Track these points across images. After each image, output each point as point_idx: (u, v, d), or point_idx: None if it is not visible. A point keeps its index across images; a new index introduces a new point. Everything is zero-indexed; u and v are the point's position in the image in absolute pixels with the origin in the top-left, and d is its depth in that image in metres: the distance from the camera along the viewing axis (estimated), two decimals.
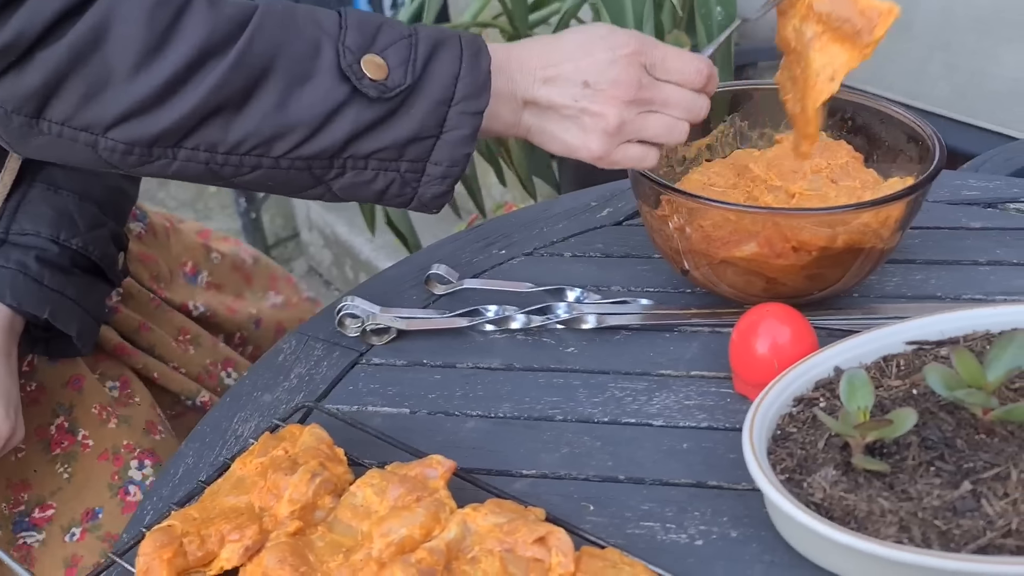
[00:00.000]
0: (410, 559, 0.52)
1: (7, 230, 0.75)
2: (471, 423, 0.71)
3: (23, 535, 0.81)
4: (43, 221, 0.76)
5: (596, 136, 0.67)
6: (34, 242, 0.75)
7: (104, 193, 0.81)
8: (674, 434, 0.68)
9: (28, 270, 0.74)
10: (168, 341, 0.93)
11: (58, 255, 0.75)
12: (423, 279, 0.85)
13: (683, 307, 0.79)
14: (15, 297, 0.73)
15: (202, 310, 1.00)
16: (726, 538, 0.60)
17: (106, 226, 0.80)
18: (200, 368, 0.95)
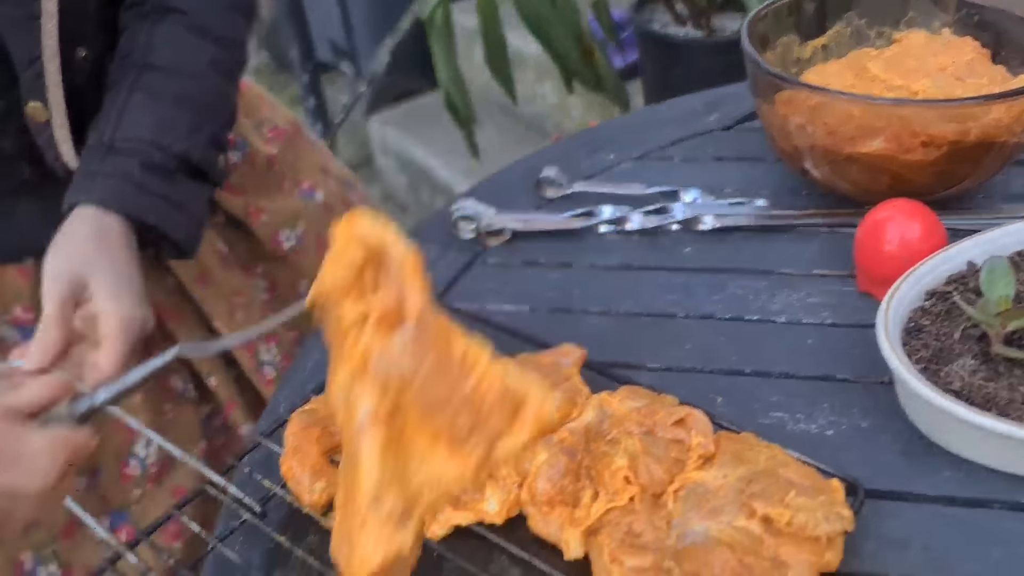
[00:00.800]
0: (552, 439, 0.54)
1: (112, 137, 0.75)
2: (592, 319, 0.71)
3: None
4: (145, 127, 0.76)
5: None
6: (137, 148, 0.75)
7: (202, 95, 0.80)
8: (798, 330, 0.68)
9: (133, 178, 0.74)
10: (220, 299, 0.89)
11: (161, 160, 0.76)
12: (533, 183, 0.85)
13: (801, 208, 0.78)
14: (123, 206, 0.73)
15: (294, 243, 0.96)
16: (857, 428, 0.60)
17: (204, 130, 0.80)
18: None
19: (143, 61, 0.76)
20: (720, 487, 0.51)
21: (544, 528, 0.51)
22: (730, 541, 0.48)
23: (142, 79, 0.77)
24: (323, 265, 0.44)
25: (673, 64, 1.75)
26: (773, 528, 0.48)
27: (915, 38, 0.83)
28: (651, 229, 0.79)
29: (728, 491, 0.51)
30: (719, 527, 0.49)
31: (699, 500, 0.51)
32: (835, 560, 0.48)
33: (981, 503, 0.54)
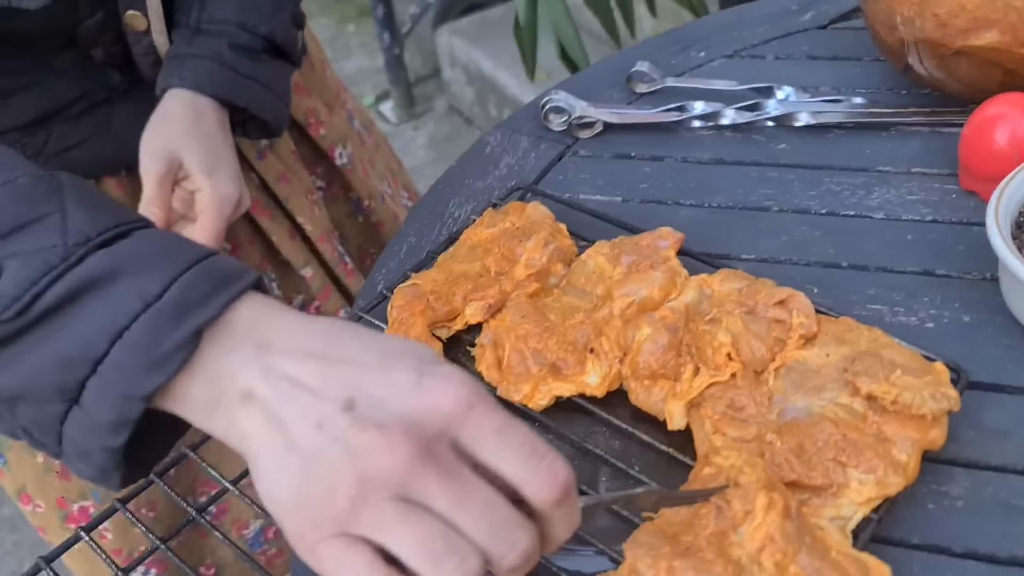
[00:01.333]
0: (654, 316, 0.54)
1: (199, 20, 0.75)
2: (685, 211, 0.71)
3: None
4: (230, 9, 0.76)
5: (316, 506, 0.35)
6: (224, 30, 0.75)
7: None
8: (897, 226, 0.67)
9: (223, 59, 0.74)
10: (301, 196, 0.90)
11: (248, 41, 0.76)
12: (624, 78, 0.84)
13: (900, 106, 0.76)
14: (215, 87, 0.74)
15: (344, 161, 0.96)
16: (958, 322, 0.59)
17: (287, 8, 0.80)
18: (323, 230, 0.92)
19: None
20: (822, 366, 0.51)
21: (645, 401, 0.52)
22: (833, 417, 0.48)
23: None
24: None
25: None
26: (877, 406, 0.48)
27: None
28: (744, 125, 0.78)
29: (831, 370, 0.51)
30: (822, 403, 0.49)
31: (800, 378, 0.51)
32: (940, 438, 0.48)
33: None
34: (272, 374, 0.36)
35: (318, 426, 0.35)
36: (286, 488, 0.35)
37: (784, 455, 0.47)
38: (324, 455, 0.34)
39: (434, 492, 0.34)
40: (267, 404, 0.35)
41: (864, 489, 0.46)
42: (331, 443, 0.34)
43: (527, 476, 0.35)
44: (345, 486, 0.34)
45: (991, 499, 0.50)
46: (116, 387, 0.36)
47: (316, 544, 0.34)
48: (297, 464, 0.35)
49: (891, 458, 0.46)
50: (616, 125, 0.79)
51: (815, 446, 0.47)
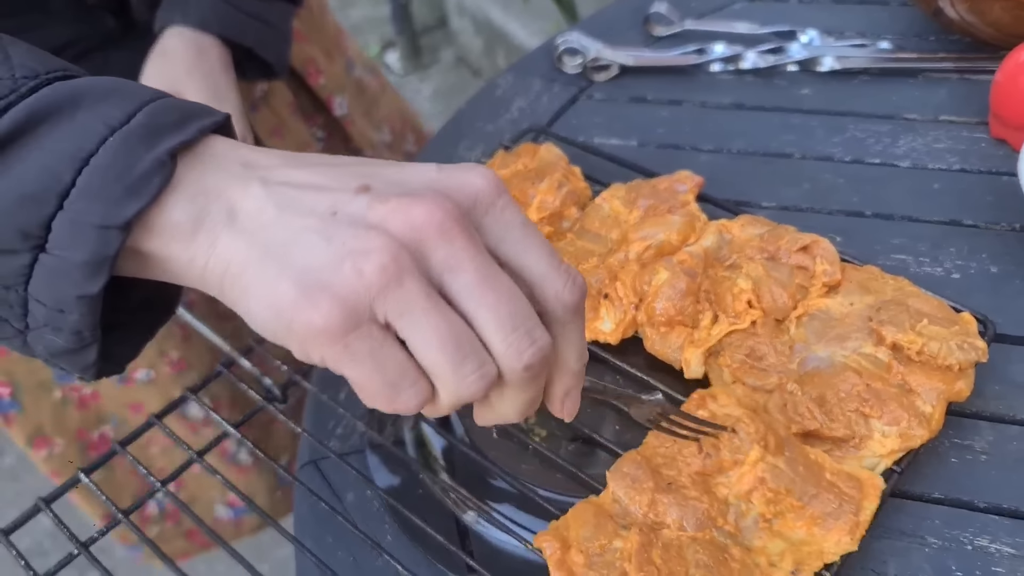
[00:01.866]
0: (672, 260, 0.52)
1: None
2: (704, 157, 0.69)
3: None
4: None
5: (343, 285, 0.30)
6: None
7: None
8: (923, 175, 0.64)
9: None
10: (294, 151, 0.88)
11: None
12: (641, 20, 0.81)
13: (929, 52, 0.74)
14: (221, 25, 0.72)
15: (343, 111, 0.94)
16: (986, 273, 0.57)
17: None
18: None
19: None
20: (846, 315, 0.49)
21: (661, 348, 0.50)
22: (856, 367, 0.46)
23: None
24: None
25: None
26: (902, 356, 0.47)
27: None
28: (766, 69, 0.75)
29: (855, 318, 0.49)
30: (845, 353, 0.47)
31: (823, 327, 0.49)
32: (966, 390, 0.46)
33: None
34: (265, 181, 0.32)
35: (331, 213, 0.31)
36: (291, 288, 0.30)
37: (806, 405, 0.45)
38: (341, 235, 0.30)
39: (463, 262, 0.30)
40: (262, 211, 0.31)
41: (887, 441, 0.44)
42: (349, 224, 0.30)
43: (551, 272, 0.32)
44: (375, 255, 0.29)
45: (1016, 453, 0.48)
46: (89, 218, 0.31)
47: (349, 336, 0.29)
48: (307, 255, 0.30)
49: (915, 409, 0.45)
50: (632, 68, 0.77)
51: (837, 396, 0.45)
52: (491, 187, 0.32)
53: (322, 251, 0.30)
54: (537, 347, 0.31)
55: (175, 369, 0.81)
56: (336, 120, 0.94)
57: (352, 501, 0.51)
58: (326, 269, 0.30)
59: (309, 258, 0.30)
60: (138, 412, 0.82)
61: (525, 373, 0.31)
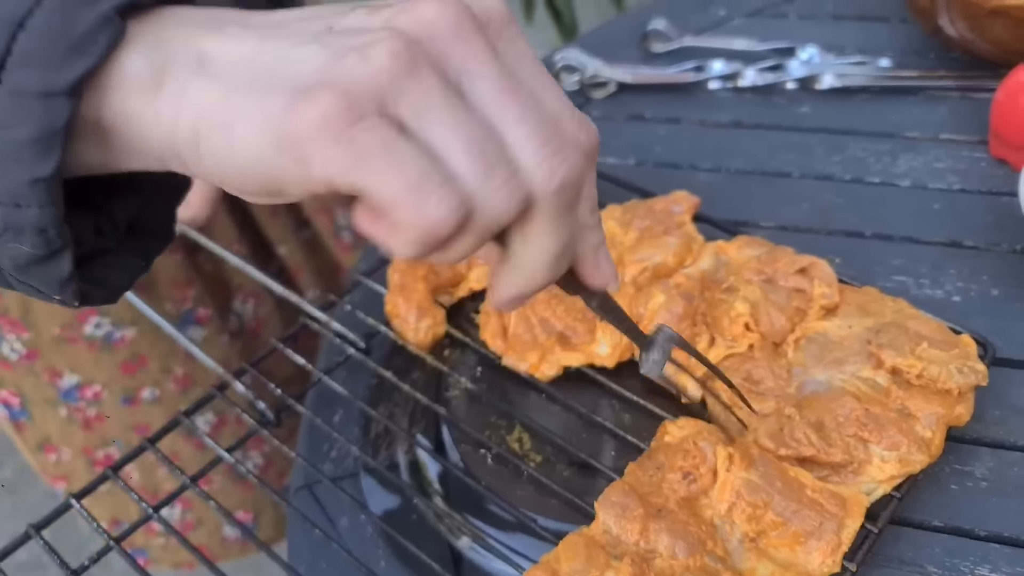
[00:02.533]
0: (668, 283, 0.52)
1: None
2: (702, 175, 0.68)
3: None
4: None
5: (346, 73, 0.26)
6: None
7: None
8: (923, 195, 0.64)
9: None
10: None
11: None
12: (639, 37, 0.81)
13: (929, 70, 0.73)
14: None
15: None
16: (986, 295, 0.57)
17: None
18: (319, 201, 0.87)
19: None
20: (844, 338, 0.49)
21: None
22: (855, 391, 0.46)
23: None
24: None
25: None
26: (901, 380, 0.46)
27: None
28: (765, 86, 0.75)
29: (853, 341, 0.48)
30: (843, 377, 0.47)
31: (821, 350, 0.49)
32: (966, 414, 0.46)
33: None
34: (244, 24, 0.28)
35: (326, 29, 0.27)
36: (282, 98, 0.25)
37: (803, 430, 0.45)
38: (341, 40, 0.26)
39: (484, 65, 0.26)
40: (241, 44, 0.27)
41: (886, 466, 0.44)
42: (350, 31, 0.27)
43: (566, 111, 0.28)
44: (385, 42, 0.25)
45: (1017, 480, 0.47)
46: (31, 85, 0.27)
47: (353, 128, 0.25)
48: (300, 65, 0.26)
49: (915, 434, 0.44)
50: (631, 85, 0.76)
51: (836, 421, 0.45)
52: (504, 10, 0.28)
53: (320, 56, 0.26)
54: (570, 164, 0.27)
55: (180, 387, 0.81)
56: None
57: (346, 526, 0.51)
58: (325, 67, 0.26)
59: (303, 67, 0.26)
60: (143, 433, 0.82)
61: (558, 197, 0.27)
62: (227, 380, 0.54)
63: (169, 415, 0.52)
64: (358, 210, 0.27)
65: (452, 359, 0.55)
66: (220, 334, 0.84)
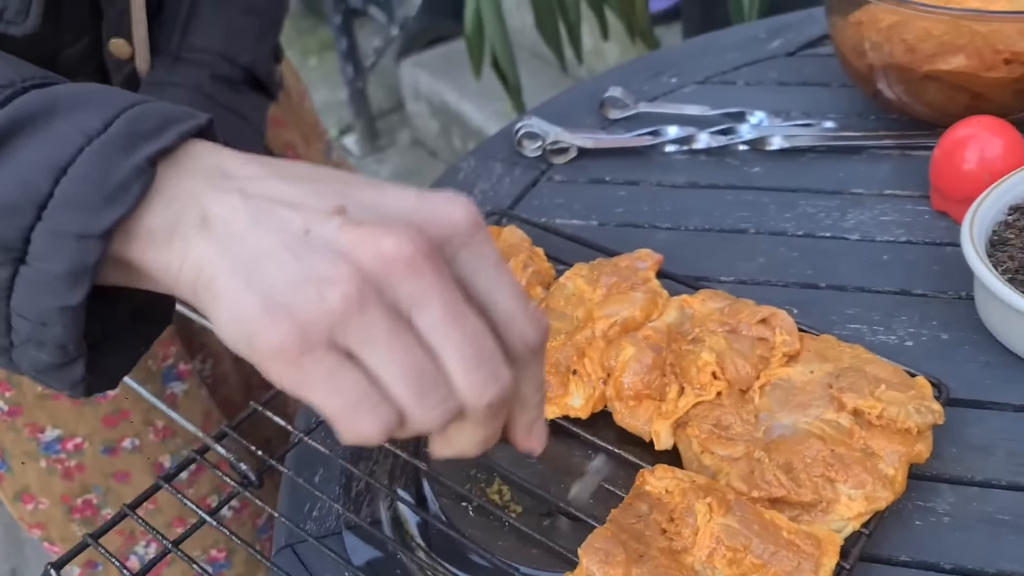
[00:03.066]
0: (637, 336, 0.54)
1: (179, 47, 0.74)
2: (662, 234, 0.71)
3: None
4: (213, 37, 0.74)
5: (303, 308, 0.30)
6: (206, 59, 0.74)
7: (267, 6, 0.78)
8: (872, 247, 0.67)
9: (203, 89, 0.72)
10: None
11: (229, 72, 0.74)
12: (597, 104, 0.85)
13: (870, 130, 0.78)
14: None
15: None
16: (937, 340, 0.59)
17: (268, 40, 0.79)
18: None
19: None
20: (807, 383, 0.51)
21: (631, 421, 0.52)
22: (820, 433, 0.48)
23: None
24: None
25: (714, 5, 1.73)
26: (863, 421, 0.48)
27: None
28: (718, 149, 0.78)
29: (815, 386, 0.51)
30: (808, 420, 0.49)
31: (785, 395, 0.51)
32: (926, 451, 0.48)
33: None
34: (243, 193, 0.31)
35: (303, 232, 0.30)
36: (256, 304, 0.29)
37: (773, 472, 0.46)
38: (310, 257, 0.30)
39: (431, 297, 0.30)
40: (236, 220, 0.31)
41: (854, 504, 0.46)
42: (320, 247, 0.30)
43: (519, 313, 0.32)
44: (340, 283, 0.29)
45: (977, 514, 0.50)
46: (69, 227, 0.31)
47: (303, 358, 0.29)
48: (274, 272, 0.30)
49: (879, 472, 0.46)
50: (590, 150, 0.79)
51: (803, 462, 0.47)
52: (469, 220, 0.32)
53: (290, 270, 0.30)
54: (499, 385, 0.31)
55: (160, 437, 0.81)
56: None
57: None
58: (290, 290, 0.29)
59: (276, 276, 0.30)
60: (123, 480, 0.82)
61: (487, 410, 0.32)
62: (208, 443, 0.55)
63: (148, 463, 0.52)
64: None
65: None
66: (201, 387, 0.85)
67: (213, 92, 0.73)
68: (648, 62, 0.92)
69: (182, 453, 0.83)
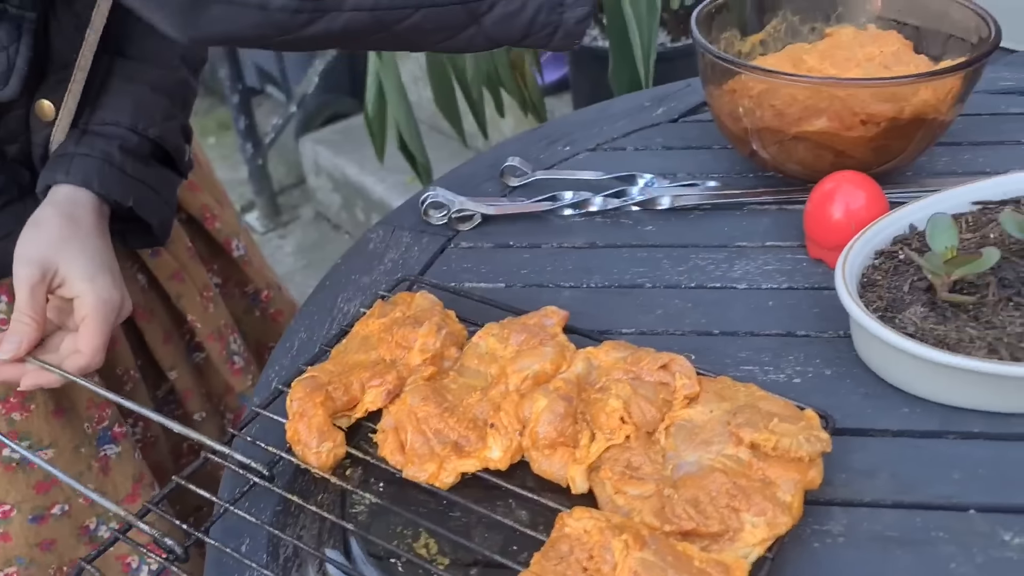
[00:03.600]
0: (548, 388, 0.57)
1: (88, 120, 0.76)
2: (566, 292, 0.75)
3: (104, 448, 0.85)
4: (122, 112, 0.77)
5: None
6: (115, 132, 0.76)
7: (173, 86, 0.82)
8: (758, 295, 0.73)
9: (112, 159, 0.75)
10: (195, 294, 0.91)
11: (137, 145, 0.77)
12: (496, 173, 0.89)
13: (750, 187, 0.84)
14: (103, 185, 0.74)
15: (242, 252, 0.98)
16: (821, 376, 0.65)
17: (176, 118, 0.82)
18: (213, 328, 0.93)
19: (117, 49, 0.77)
20: (707, 422, 0.55)
21: (548, 468, 0.55)
22: (722, 467, 0.52)
23: (116, 65, 0.78)
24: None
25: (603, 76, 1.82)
26: (760, 453, 0.53)
27: (844, 32, 0.90)
28: (612, 211, 0.83)
29: (715, 424, 0.55)
30: (711, 456, 0.53)
31: (689, 434, 0.55)
32: (818, 478, 0.52)
33: (937, 434, 0.59)
34: None
35: None
36: None
37: (682, 506, 0.50)
38: None
39: None
40: None
41: (757, 531, 0.49)
42: None
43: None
44: None
45: (868, 533, 0.54)
46: None
47: None
48: None
49: (777, 500, 0.50)
50: (494, 216, 0.83)
51: (709, 496, 0.51)
52: None
53: None
54: None
55: (88, 500, 0.80)
56: (233, 263, 0.97)
57: None
58: None
59: None
60: (48, 549, 0.80)
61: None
62: (131, 522, 0.55)
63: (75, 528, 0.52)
64: None
65: (355, 477, 0.58)
66: (135, 450, 0.85)
67: (122, 162, 0.75)
68: (543, 132, 0.98)
69: (109, 515, 0.82)
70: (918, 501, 0.55)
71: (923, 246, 0.67)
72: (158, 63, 0.79)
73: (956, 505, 0.55)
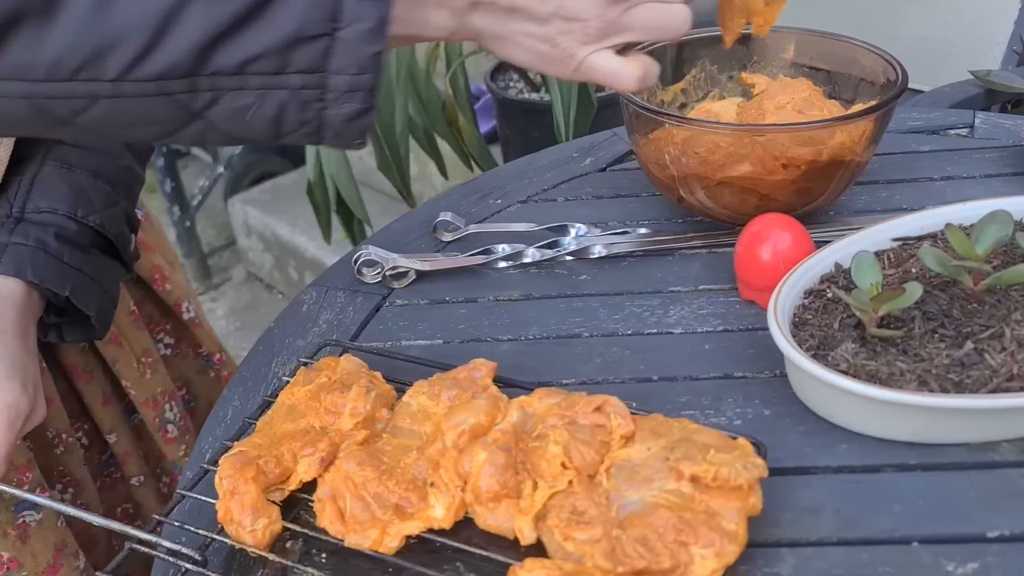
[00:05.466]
0: (486, 440, 0.57)
1: (23, 208, 0.72)
2: (504, 346, 0.75)
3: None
4: (59, 198, 0.73)
5: (571, 44, 0.53)
6: (52, 219, 0.72)
7: (116, 172, 0.79)
8: (694, 338, 0.73)
9: (48, 247, 0.71)
10: (131, 360, 0.89)
11: (76, 233, 0.73)
12: (429, 229, 0.89)
13: (680, 233, 0.85)
14: (36, 274, 0.70)
15: (192, 315, 0.96)
16: (761, 416, 0.65)
17: (120, 205, 0.78)
18: (148, 396, 0.91)
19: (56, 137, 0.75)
20: (646, 459, 0.55)
21: (494, 522, 0.54)
22: (666, 503, 0.52)
23: (54, 151, 0.75)
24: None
25: (531, 128, 1.84)
26: (701, 485, 0.53)
27: (758, 81, 0.93)
28: (546, 261, 0.84)
29: (654, 461, 0.55)
30: (653, 493, 0.53)
31: (629, 474, 0.55)
32: (758, 504, 0.53)
33: (875, 469, 0.60)
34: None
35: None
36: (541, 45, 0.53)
37: (632, 545, 0.50)
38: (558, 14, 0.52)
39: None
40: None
41: (707, 562, 0.50)
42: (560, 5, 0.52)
43: None
44: (591, 20, 0.52)
45: (816, 572, 0.54)
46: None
47: (585, 67, 0.54)
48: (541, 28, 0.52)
49: (723, 529, 0.51)
50: (428, 272, 0.83)
51: (656, 532, 0.51)
52: None
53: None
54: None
55: (5, 569, 0.76)
56: (184, 325, 0.94)
57: None
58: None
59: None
60: None
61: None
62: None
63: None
64: None
65: (295, 551, 0.57)
66: (58, 518, 0.81)
67: (58, 251, 0.72)
68: (474, 186, 0.98)
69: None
70: (862, 536, 0.56)
71: (849, 283, 0.68)
72: (100, 149, 0.77)
73: (899, 539, 0.55)
